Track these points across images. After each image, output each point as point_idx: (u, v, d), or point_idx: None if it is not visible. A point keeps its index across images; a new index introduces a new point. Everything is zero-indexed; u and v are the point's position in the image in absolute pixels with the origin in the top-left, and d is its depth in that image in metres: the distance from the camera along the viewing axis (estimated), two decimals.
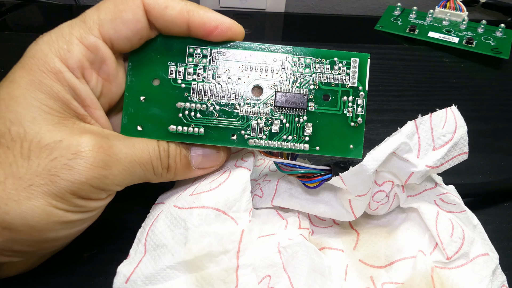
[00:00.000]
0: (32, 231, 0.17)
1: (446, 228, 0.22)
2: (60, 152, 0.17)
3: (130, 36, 0.20)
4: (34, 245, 0.18)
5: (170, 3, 0.19)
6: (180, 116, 0.21)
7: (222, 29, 0.20)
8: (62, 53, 0.18)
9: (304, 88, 0.21)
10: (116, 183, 0.19)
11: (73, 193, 0.18)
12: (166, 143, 0.21)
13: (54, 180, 0.17)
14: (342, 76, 0.21)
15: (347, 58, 0.21)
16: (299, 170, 0.21)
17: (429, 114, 0.21)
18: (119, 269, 0.20)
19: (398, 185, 0.22)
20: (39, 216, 0.17)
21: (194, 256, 0.19)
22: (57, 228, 0.18)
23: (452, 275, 0.21)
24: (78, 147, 0.18)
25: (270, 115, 0.21)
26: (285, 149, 0.21)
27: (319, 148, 0.21)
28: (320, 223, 0.25)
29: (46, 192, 0.17)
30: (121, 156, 0.19)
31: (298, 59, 0.21)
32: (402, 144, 0.20)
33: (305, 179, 0.22)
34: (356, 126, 0.21)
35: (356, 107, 0.21)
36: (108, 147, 0.18)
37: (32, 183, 0.17)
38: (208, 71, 0.21)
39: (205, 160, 0.22)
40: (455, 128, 0.21)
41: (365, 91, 0.21)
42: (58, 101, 0.18)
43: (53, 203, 0.17)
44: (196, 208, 0.20)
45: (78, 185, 0.17)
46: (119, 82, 0.21)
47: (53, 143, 0.17)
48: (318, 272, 0.21)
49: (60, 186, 0.17)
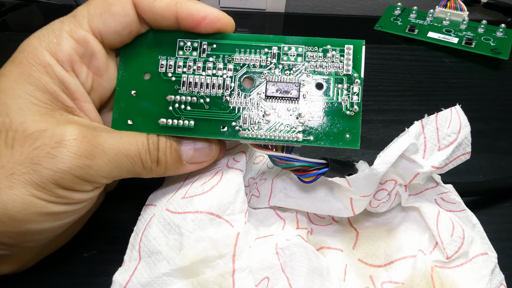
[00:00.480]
0: (12, 221, 0.17)
1: (446, 228, 0.22)
2: (43, 141, 0.17)
3: (120, 29, 0.20)
4: (16, 237, 0.18)
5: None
6: (170, 109, 0.21)
7: (210, 20, 0.20)
8: (51, 47, 0.19)
9: (296, 77, 0.21)
10: (101, 174, 0.18)
11: (56, 183, 0.17)
12: (156, 137, 0.21)
13: (36, 169, 0.17)
14: (336, 63, 0.21)
15: (341, 45, 0.21)
16: (294, 163, 0.21)
17: (435, 114, 0.21)
18: (114, 278, 0.19)
19: (401, 184, 0.22)
20: (20, 205, 0.17)
21: (189, 262, 0.19)
22: (39, 220, 0.18)
23: (451, 274, 0.21)
24: (62, 136, 0.17)
25: (262, 105, 0.21)
26: (278, 140, 0.20)
27: (312, 138, 0.20)
28: (319, 220, 0.25)
29: (28, 181, 0.17)
30: (106, 147, 0.18)
31: (289, 48, 0.21)
32: (410, 145, 0.20)
33: (301, 172, 0.21)
34: (352, 115, 0.20)
35: (351, 95, 0.20)
36: (93, 137, 0.18)
37: (14, 171, 0.17)
38: (198, 63, 0.21)
39: (197, 154, 0.21)
40: (460, 128, 0.21)
41: (360, 78, 0.20)
42: (46, 93, 0.18)
43: (34, 193, 0.17)
44: (189, 213, 0.20)
45: (61, 174, 0.17)
46: (110, 77, 0.21)
47: (38, 132, 0.17)
48: (317, 273, 0.21)
49: (42, 175, 0.17)
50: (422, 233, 0.23)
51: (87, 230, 0.24)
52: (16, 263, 0.21)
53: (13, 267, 0.21)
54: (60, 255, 0.23)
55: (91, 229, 0.24)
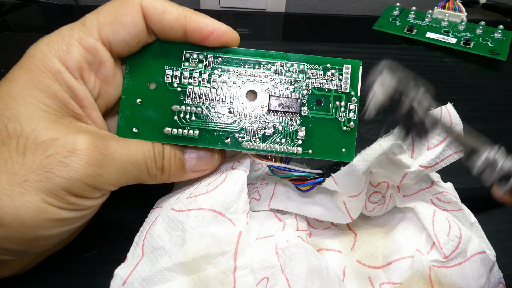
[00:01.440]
0: (23, 228, 0.17)
1: (442, 227, 0.22)
2: (55, 149, 0.17)
3: (128, 39, 0.20)
4: (24, 243, 0.18)
5: (168, 8, 0.20)
6: (175, 119, 0.21)
7: (218, 34, 0.21)
8: (61, 54, 0.19)
9: (298, 93, 0.22)
10: (110, 182, 0.19)
11: (67, 190, 0.18)
12: (161, 145, 0.21)
13: (49, 176, 0.17)
14: (335, 81, 0.22)
15: (340, 65, 0.22)
16: (292, 173, 0.22)
17: None
18: (116, 272, 0.19)
19: (394, 185, 0.22)
20: (32, 212, 0.17)
21: (191, 258, 0.19)
22: (49, 226, 0.18)
23: (449, 273, 0.21)
24: (74, 145, 0.18)
25: (264, 118, 0.21)
26: (278, 152, 0.21)
27: (311, 151, 0.21)
28: (318, 224, 0.25)
29: (40, 188, 0.17)
30: (116, 156, 0.19)
31: (291, 65, 0.22)
32: (393, 145, 0.20)
33: (298, 182, 0.22)
34: (349, 130, 0.22)
35: (348, 112, 0.22)
36: (103, 147, 0.18)
37: (27, 179, 0.17)
38: (203, 76, 0.22)
39: (199, 163, 0.22)
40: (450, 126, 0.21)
41: (357, 96, 0.22)
42: (56, 100, 0.18)
43: (46, 200, 0.17)
44: (193, 210, 0.20)
45: (73, 182, 0.17)
46: (116, 85, 0.21)
47: (49, 141, 0.17)
48: (316, 274, 0.21)
49: (55, 182, 0.17)
50: (419, 234, 0.23)
51: (87, 230, 0.24)
52: (16, 267, 0.21)
53: (12, 271, 0.21)
54: (61, 255, 0.23)
55: (92, 229, 0.24)
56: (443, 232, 0.22)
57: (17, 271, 0.21)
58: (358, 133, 0.22)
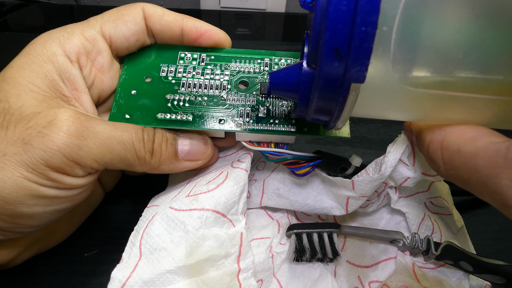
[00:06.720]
0: (4, 203, 0.17)
1: (426, 233, 0.23)
2: (36, 121, 0.17)
3: (128, 34, 0.22)
4: (8, 219, 0.18)
5: (167, 12, 0.22)
6: (169, 105, 0.22)
7: (211, 33, 0.23)
8: (61, 40, 0.20)
9: None
10: (92, 157, 0.18)
11: (46, 164, 0.17)
12: (152, 129, 0.21)
13: (27, 149, 0.17)
14: None
15: None
16: (286, 156, 0.21)
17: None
18: (113, 275, 0.18)
19: (392, 186, 0.23)
20: (11, 187, 0.17)
21: (195, 260, 0.19)
22: (31, 203, 0.18)
23: (431, 272, 0.22)
24: (54, 116, 0.18)
25: (257, 102, 0.22)
26: (273, 131, 0.21)
27: (306, 129, 0.21)
28: (306, 218, 0.26)
29: (19, 162, 0.17)
30: (98, 130, 0.18)
31: (279, 59, 0.24)
32: (406, 148, 0.20)
33: (294, 165, 0.22)
34: None
35: None
36: (85, 120, 0.18)
37: (6, 152, 0.17)
38: (197, 69, 0.23)
39: (192, 151, 0.22)
40: None
41: None
42: (46, 80, 0.19)
43: (25, 174, 0.17)
44: (195, 210, 0.20)
45: (50, 154, 0.17)
46: (112, 76, 0.22)
47: (32, 114, 0.18)
48: (308, 276, 0.22)
49: (32, 155, 0.17)
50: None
51: (87, 230, 0.24)
52: (11, 251, 0.21)
53: (8, 255, 0.20)
54: (61, 255, 0.23)
55: (92, 229, 0.25)
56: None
57: (14, 257, 0.21)
58: (358, 133, 0.22)
